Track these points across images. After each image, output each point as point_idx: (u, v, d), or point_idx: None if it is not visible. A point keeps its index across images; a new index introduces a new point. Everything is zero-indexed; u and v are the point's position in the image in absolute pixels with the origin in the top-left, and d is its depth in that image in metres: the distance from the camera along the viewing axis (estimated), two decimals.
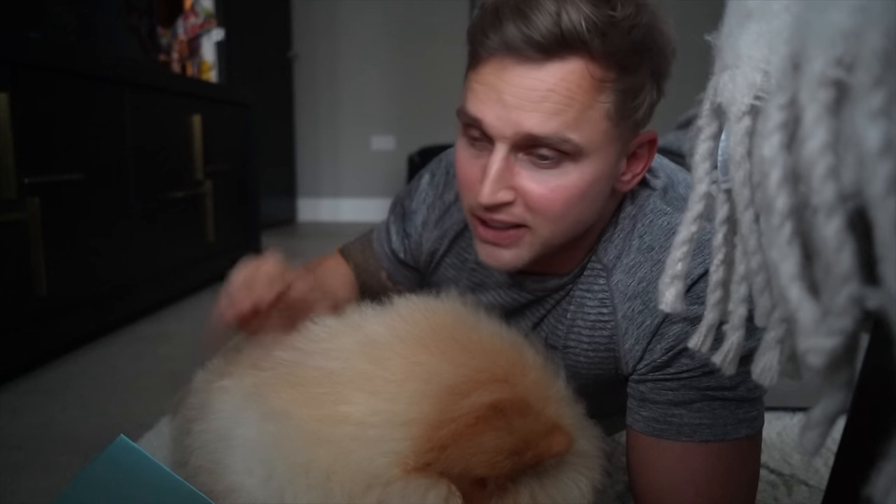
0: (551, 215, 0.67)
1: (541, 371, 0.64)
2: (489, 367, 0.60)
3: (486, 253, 0.72)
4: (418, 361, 0.60)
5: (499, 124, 0.65)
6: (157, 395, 1.37)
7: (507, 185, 0.67)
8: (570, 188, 0.66)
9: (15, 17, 1.90)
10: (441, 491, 0.54)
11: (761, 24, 0.36)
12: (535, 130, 0.63)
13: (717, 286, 0.42)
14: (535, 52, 0.62)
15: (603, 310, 0.75)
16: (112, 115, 1.82)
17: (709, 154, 0.40)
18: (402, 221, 0.93)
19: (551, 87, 0.62)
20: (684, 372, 0.70)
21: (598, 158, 0.66)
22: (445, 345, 0.62)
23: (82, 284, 1.68)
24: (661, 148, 1.29)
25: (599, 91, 0.63)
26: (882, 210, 0.22)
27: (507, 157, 0.66)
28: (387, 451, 0.55)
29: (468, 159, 0.70)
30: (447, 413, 0.56)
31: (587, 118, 0.64)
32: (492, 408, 0.56)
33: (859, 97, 0.23)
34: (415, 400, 0.57)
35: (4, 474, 1.06)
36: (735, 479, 0.71)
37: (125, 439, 0.58)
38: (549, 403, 0.61)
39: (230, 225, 2.61)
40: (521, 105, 0.63)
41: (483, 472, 0.54)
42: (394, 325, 0.64)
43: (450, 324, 0.65)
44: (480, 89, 0.66)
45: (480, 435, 0.54)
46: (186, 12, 2.72)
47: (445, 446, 0.54)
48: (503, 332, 0.67)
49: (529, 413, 0.57)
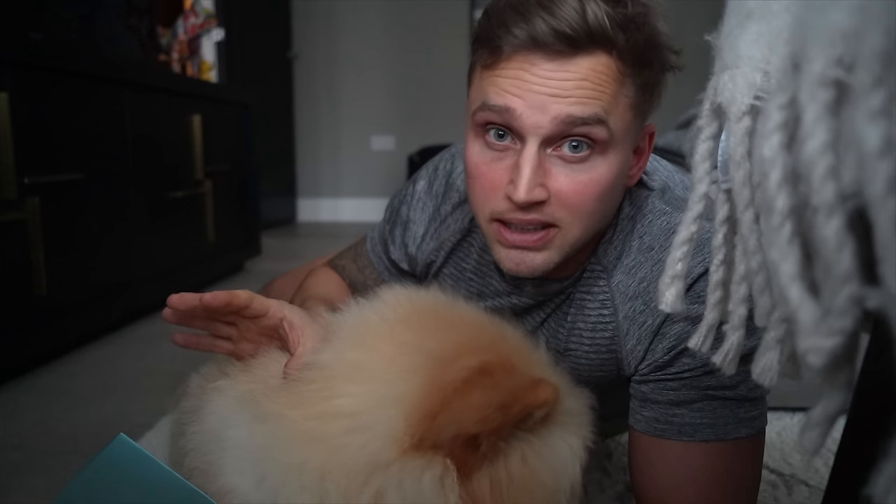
0: (583, 211, 0.67)
1: (522, 340, 0.66)
2: (473, 339, 0.61)
3: (515, 259, 0.69)
4: (404, 341, 0.61)
5: (532, 113, 0.63)
6: (157, 395, 1.36)
7: (541, 181, 0.65)
8: (599, 182, 0.66)
9: (15, 17, 1.90)
10: (436, 471, 0.54)
11: (761, 24, 0.36)
12: (576, 112, 0.63)
13: (717, 286, 0.42)
14: (565, 46, 0.62)
15: (604, 311, 0.75)
16: (112, 115, 1.82)
17: (709, 154, 0.41)
18: (400, 230, 0.90)
19: (584, 77, 0.63)
20: (686, 371, 0.70)
21: (621, 150, 0.67)
22: (429, 322, 0.63)
23: (82, 284, 1.68)
24: (661, 148, 1.29)
25: (623, 84, 0.64)
26: (882, 210, 0.22)
27: (539, 154, 0.65)
28: (380, 433, 0.55)
29: (488, 163, 0.68)
30: (436, 382, 0.56)
31: (617, 107, 0.65)
32: (478, 370, 0.57)
33: (859, 97, 0.23)
34: (404, 376, 0.58)
35: (4, 474, 1.06)
36: (736, 478, 0.71)
37: (125, 437, 0.58)
38: (534, 366, 0.63)
39: (230, 225, 2.61)
40: (555, 94, 0.63)
41: (474, 429, 0.54)
42: (379, 312, 0.65)
43: (432, 305, 0.66)
44: (506, 82, 0.64)
45: (469, 395, 0.55)
46: (186, 12, 2.72)
47: (436, 413, 0.55)
48: (480, 311, 0.68)
49: (515, 371, 0.58)
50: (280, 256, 3.17)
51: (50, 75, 1.55)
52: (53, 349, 1.62)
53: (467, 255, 0.84)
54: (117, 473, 0.58)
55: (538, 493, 0.58)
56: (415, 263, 0.89)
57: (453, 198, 0.85)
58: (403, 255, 0.90)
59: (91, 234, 1.72)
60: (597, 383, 0.78)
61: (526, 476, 0.57)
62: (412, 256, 0.89)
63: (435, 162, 0.90)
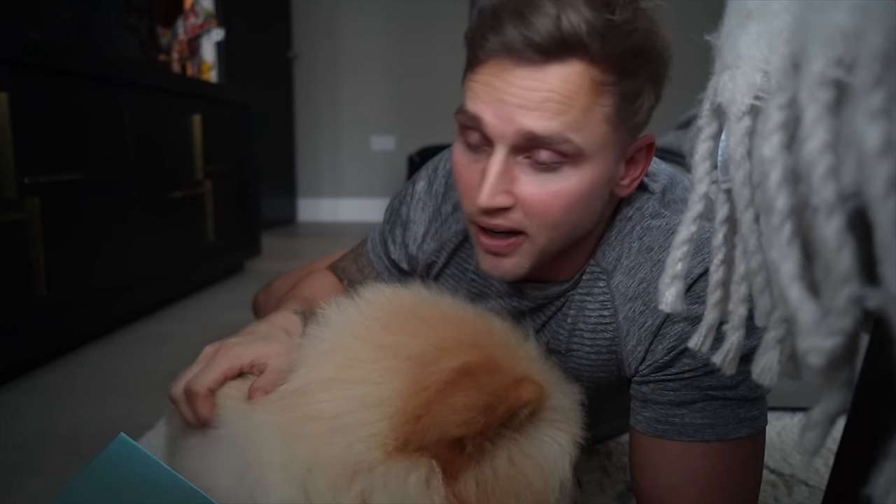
0: (549, 221, 0.67)
1: (508, 334, 0.65)
2: (454, 335, 0.61)
3: (488, 262, 0.71)
4: (382, 344, 0.61)
5: (498, 123, 0.64)
6: (157, 395, 1.36)
7: (505, 188, 0.65)
8: (569, 193, 0.65)
9: (15, 17, 1.90)
10: (421, 473, 0.54)
11: (761, 24, 0.36)
12: (537, 130, 0.62)
13: (717, 286, 0.42)
14: (535, 53, 0.61)
15: (604, 312, 0.75)
16: (112, 115, 1.82)
17: (709, 154, 0.40)
18: (400, 230, 0.90)
19: (552, 88, 0.62)
20: (686, 372, 0.70)
21: (598, 162, 0.65)
22: (407, 322, 0.63)
23: (82, 284, 1.68)
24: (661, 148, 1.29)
25: (599, 94, 0.63)
26: (882, 210, 0.22)
27: (507, 160, 0.65)
28: (364, 435, 0.55)
29: (466, 164, 0.69)
30: (418, 384, 0.56)
31: (588, 120, 0.63)
32: (460, 371, 0.56)
33: (859, 97, 0.23)
34: (385, 378, 0.58)
35: (4, 474, 1.06)
36: (737, 478, 0.71)
37: (125, 437, 0.58)
38: (520, 362, 0.62)
39: (230, 225, 2.61)
40: (522, 104, 0.62)
41: (458, 432, 0.54)
42: (359, 312, 0.65)
43: (411, 304, 0.66)
44: (479, 88, 0.65)
45: (451, 397, 0.55)
46: (186, 12, 2.72)
47: (419, 416, 0.55)
48: (464, 305, 0.68)
49: (498, 371, 0.58)
50: (280, 256, 3.17)
51: (50, 75, 1.55)
52: (53, 349, 1.62)
53: (469, 255, 0.84)
54: (117, 473, 0.58)
55: (526, 493, 0.58)
56: (415, 264, 0.89)
57: (454, 198, 0.85)
58: (404, 255, 0.90)
59: (91, 234, 1.72)
60: (597, 384, 0.78)
61: (513, 476, 0.57)
62: (413, 256, 0.89)
63: (435, 162, 0.90)
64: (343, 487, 0.55)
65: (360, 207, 4.79)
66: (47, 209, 1.51)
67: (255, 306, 1.44)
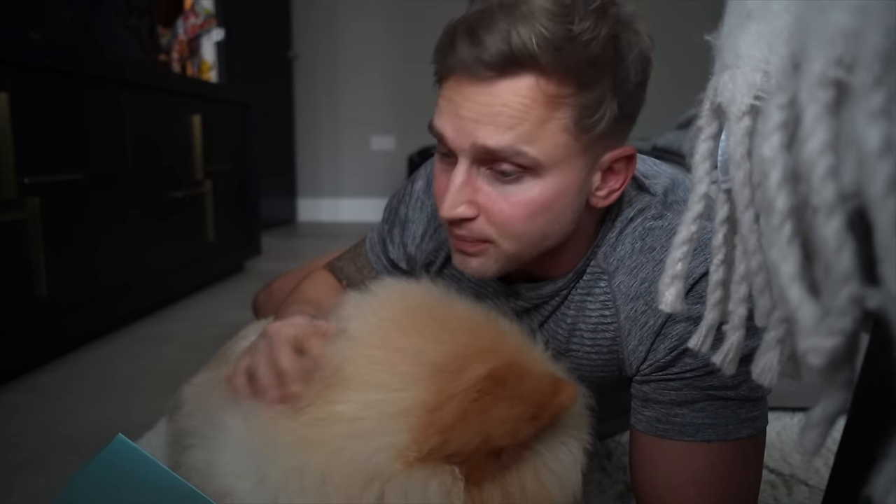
0: (512, 230, 0.68)
1: (520, 337, 0.66)
2: (473, 341, 0.61)
3: (458, 260, 0.73)
4: (400, 346, 0.60)
5: (457, 137, 0.66)
6: (157, 395, 1.36)
7: (468, 199, 0.67)
8: (531, 203, 0.66)
9: (15, 17, 1.90)
10: (444, 480, 0.54)
11: (761, 24, 0.36)
12: (490, 143, 0.64)
13: (717, 286, 0.42)
14: (486, 70, 0.63)
15: (605, 312, 0.75)
16: (112, 115, 1.82)
17: (709, 154, 0.40)
18: (398, 230, 0.90)
19: (504, 103, 0.63)
20: (687, 371, 0.70)
21: (561, 173, 0.66)
22: (424, 324, 0.62)
23: (82, 284, 1.68)
24: (661, 148, 1.29)
25: (556, 106, 0.63)
26: (882, 210, 0.22)
27: (469, 171, 0.67)
28: (383, 445, 0.55)
29: (440, 173, 0.71)
30: (443, 393, 0.56)
31: (544, 132, 0.64)
32: (489, 378, 0.56)
33: (859, 97, 0.23)
34: (406, 385, 0.57)
35: (4, 474, 1.06)
36: (737, 478, 0.71)
37: (123, 438, 0.58)
38: (537, 364, 0.62)
39: (230, 225, 2.61)
40: (476, 119, 0.64)
41: (506, 441, 0.54)
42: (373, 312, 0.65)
43: (425, 304, 0.66)
44: (443, 104, 0.68)
45: (493, 407, 0.54)
46: (186, 12, 2.72)
47: (451, 426, 0.54)
48: (475, 307, 0.68)
49: (526, 376, 0.58)
50: (280, 256, 3.17)
51: (50, 75, 1.55)
52: (53, 349, 1.62)
53: None
54: (116, 474, 0.58)
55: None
56: (413, 263, 0.89)
57: None
58: (402, 254, 0.90)
59: (91, 234, 1.72)
60: (598, 384, 0.78)
61: (538, 491, 0.57)
62: (411, 256, 0.89)
63: (434, 161, 0.90)
64: (356, 496, 0.54)
65: (360, 207, 4.79)
66: (47, 209, 1.51)
67: (255, 306, 1.44)
